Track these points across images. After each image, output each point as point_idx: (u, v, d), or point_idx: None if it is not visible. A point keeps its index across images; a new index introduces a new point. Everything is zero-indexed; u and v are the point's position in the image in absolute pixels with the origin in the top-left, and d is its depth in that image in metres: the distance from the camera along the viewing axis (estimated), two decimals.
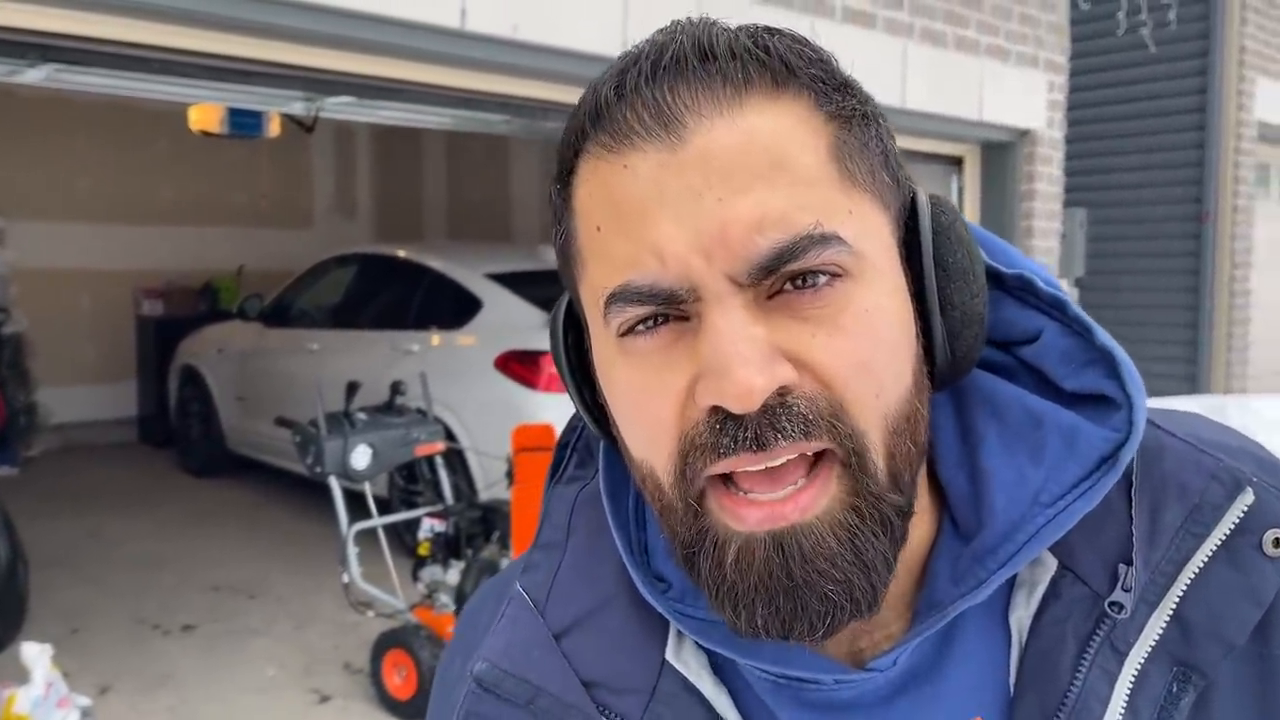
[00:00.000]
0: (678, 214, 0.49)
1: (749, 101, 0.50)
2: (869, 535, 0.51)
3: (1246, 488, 0.56)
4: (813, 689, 0.57)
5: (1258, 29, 6.64)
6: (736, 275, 0.49)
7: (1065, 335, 0.60)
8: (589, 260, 0.54)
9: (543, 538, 0.64)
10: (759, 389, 0.48)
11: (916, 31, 4.46)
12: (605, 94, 0.52)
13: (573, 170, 0.55)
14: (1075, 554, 0.57)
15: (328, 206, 9.89)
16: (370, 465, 3.74)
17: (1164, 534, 0.56)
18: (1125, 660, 0.54)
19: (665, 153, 0.50)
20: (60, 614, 4.46)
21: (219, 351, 6.96)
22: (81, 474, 7.27)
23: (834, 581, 0.50)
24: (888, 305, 0.52)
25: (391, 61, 3.14)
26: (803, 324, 0.50)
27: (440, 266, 5.68)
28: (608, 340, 0.54)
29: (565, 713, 0.58)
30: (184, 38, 2.75)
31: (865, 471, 0.51)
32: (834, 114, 0.53)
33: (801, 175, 0.50)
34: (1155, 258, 6.81)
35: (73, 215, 8.22)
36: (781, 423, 0.49)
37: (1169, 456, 0.58)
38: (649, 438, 0.53)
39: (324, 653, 4.14)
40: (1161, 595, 0.55)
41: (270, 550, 5.46)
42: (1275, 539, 0.55)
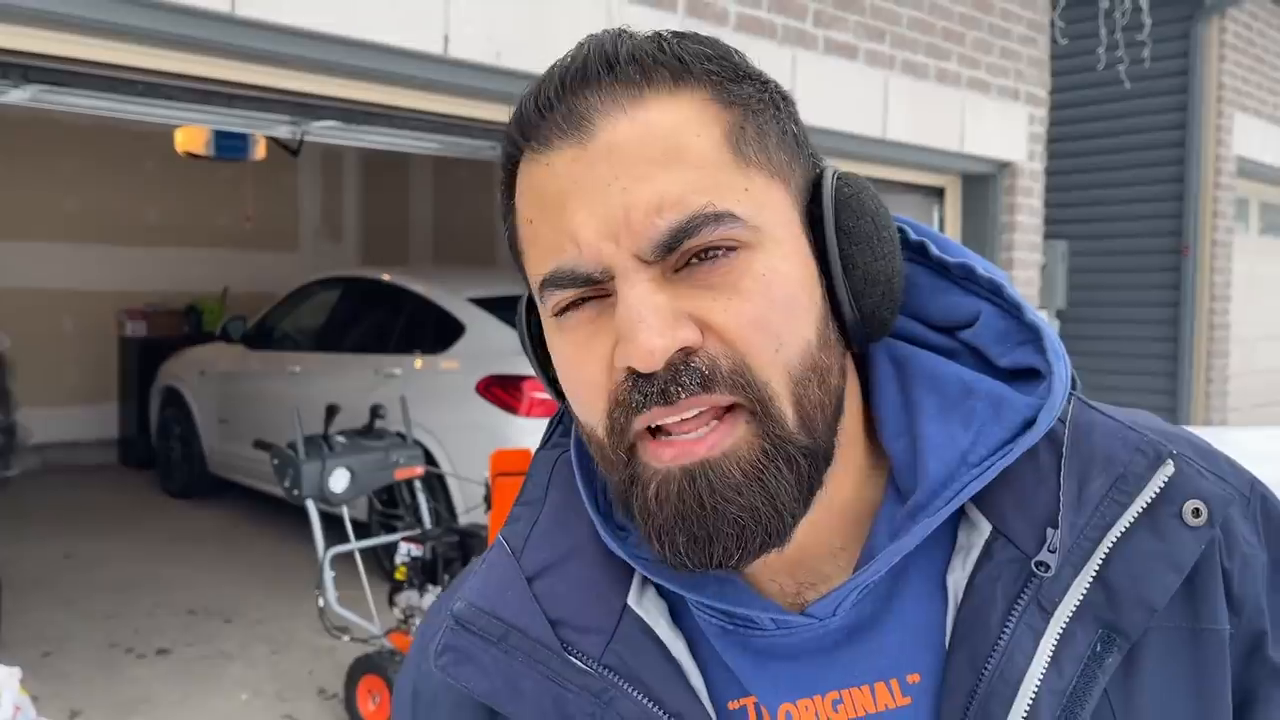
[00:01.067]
0: (589, 203, 0.55)
1: (648, 98, 0.56)
2: (775, 471, 0.56)
3: (1168, 460, 0.60)
4: (757, 635, 0.62)
5: (1235, 65, 6.73)
6: (641, 253, 0.55)
7: (1001, 317, 0.65)
8: (526, 250, 0.61)
9: (525, 495, 0.70)
10: (659, 349, 0.54)
11: (898, 64, 4.51)
12: (528, 108, 0.59)
13: (513, 176, 0.62)
14: (1008, 519, 0.61)
15: (314, 229, 9.89)
16: (348, 489, 3.72)
17: (1090, 501, 0.60)
18: (1051, 618, 0.58)
19: (577, 149, 0.56)
20: (33, 637, 4.42)
21: (201, 373, 6.93)
22: (60, 495, 7.22)
23: (740, 509, 0.55)
24: (784, 269, 0.57)
25: (375, 87, 3.16)
26: (706, 291, 0.55)
27: (423, 290, 5.68)
28: (547, 319, 0.61)
29: (532, 648, 0.62)
30: (168, 61, 2.76)
31: (771, 418, 0.56)
32: (729, 102, 0.58)
33: (696, 161, 0.55)
34: (1135, 290, 6.87)
35: (57, 235, 8.20)
36: (682, 378, 0.54)
37: (1098, 431, 0.62)
38: (585, 400, 0.59)
39: (298, 678, 4.11)
40: (1086, 558, 0.59)
41: (248, 573, 5.42)
42: (1195, 509, 0.59)
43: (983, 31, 4.96)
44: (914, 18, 4.58)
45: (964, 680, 0.59)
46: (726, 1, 3.80)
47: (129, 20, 2.55)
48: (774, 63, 3.98)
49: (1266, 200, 7.86)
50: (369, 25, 2.89)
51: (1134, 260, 6.87)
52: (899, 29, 4.50)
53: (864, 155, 4.56)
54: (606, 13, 3.38)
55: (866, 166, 4.72)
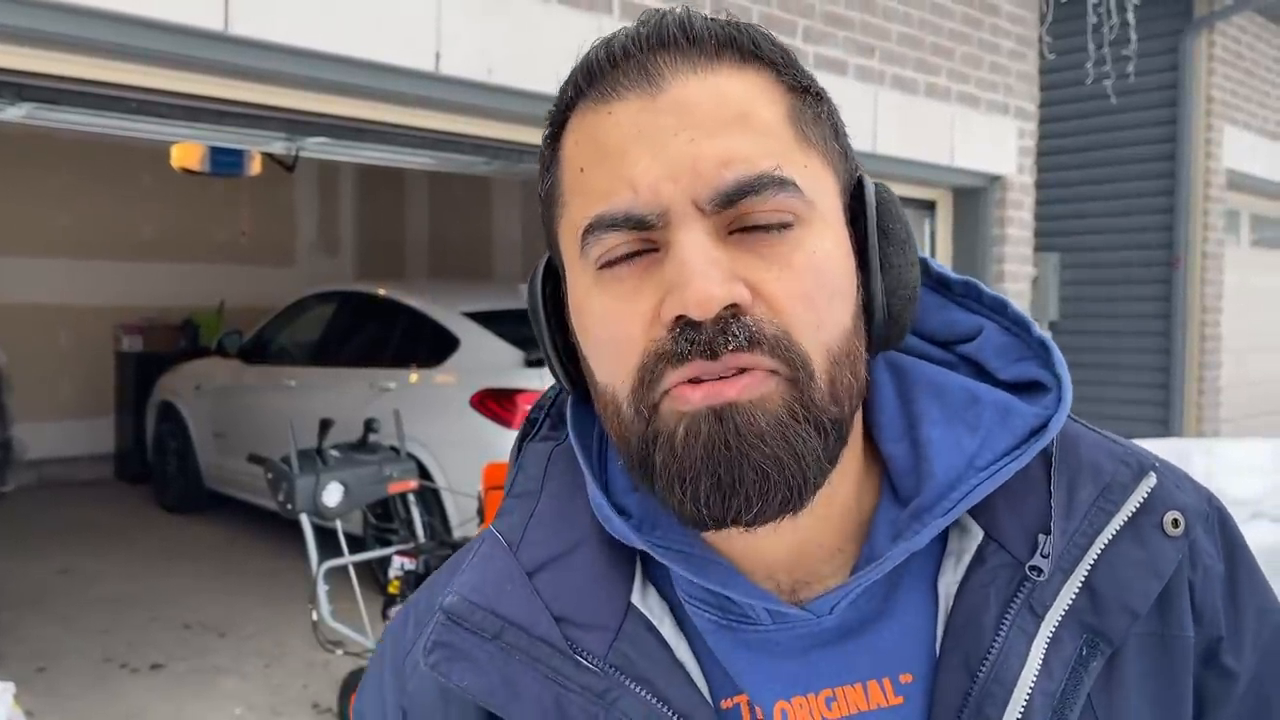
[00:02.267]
0: (653, 149, 0.56)
1: (720, 68, 0.58)
2: (802, 431, 0.56)
3: (1150, 471, 0.63)
4: (751, 630, 0.61)
5: (1224, 79, 6.78)
6: (701, 201, 0.55)
7: (1003, 334, 0.67)
8: (570, 200, 0.60)
9: (518, 487, 0.68)
10: (716, 298, 0.53)
11: (888, 79, 4.54)
12: (597, 57, 0.59)
13: (563, 125, 0.61)
14: (1000, 525, 0.62)
15: (310, 244, 9.92)
16: (342, 503, 3.73)
17: (1079, 508, 0.62)
18: (1042, 622, 0.60)
19: (645, 99, 0.57)
20: (28, 653, 4.42)
21: (197, 388, 6.94)
22: (56, 510, 7.22)
23: (765, 456, 0.55)
24: (833, 252, 0.58)
25: (368, 103, 3.19)
26: (758, 259, 0.56)
27: (418, 304, 5.70)
28: (585, 272, 0.59)
29: (532, 645, 0.60)
30: (161, 78, 2.79)
31: (809, 385, 0.56)
32: (792, 87, 0.60)
33: (763, 129, 0.57)
34: (1127, 302, 6.89)
35: (53, 250, 8.22)
36: (732, 330, 0.54)
37: (1085, 443, 0.65)
38: (615, 356, 0.58)
39: (292, 692, 4.11)
40: (1075, 564, 0.61)
41: (243, 588, 5.42)
42: (1174, 520, 0.62)
43: (972, 46, 5.00)
44: (903, 33, 4.62)
45: (958, 681, 0.60)
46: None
47: (122, 39, 2.57)
48: None
49: (1257, 212, 7.89)
50: (361, 42, 2.92)
51: (1125, 272, 6.90)
52: (888, 44, 4.54)
53: None
54: (597, 30, 3.41)
55: None
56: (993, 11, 5.13)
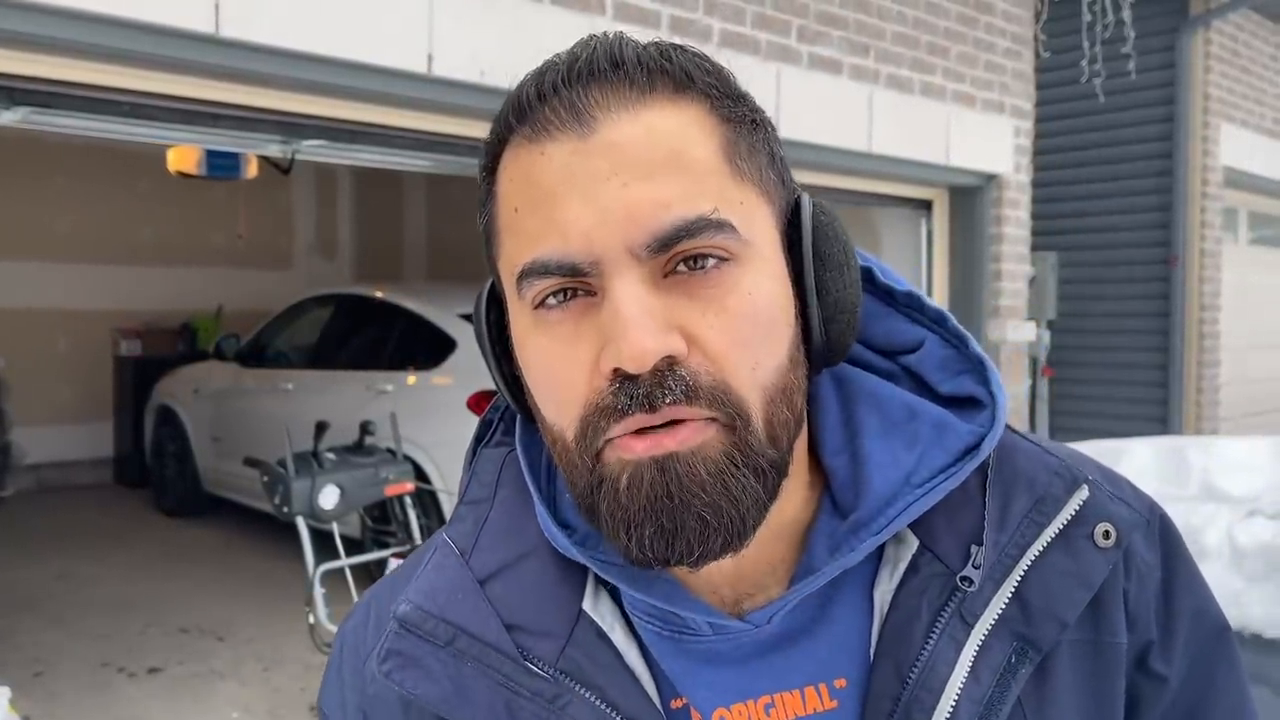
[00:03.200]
0: (585, 195, 0.55)
1: (651, 102, 0.57)
2: (741, 477, 0.56)
3: (1083, 485, 0.64)
4: (692, 640, 0.63)
5: (1221, 76, 6.78)
6: (635, 248, 0.55)
7: (944, 346, 0.68)
8: (506, 239, 0.60)
9: (470, 494, 0.69)
10: (651, 350, 0.54)
11: (883, 78, 4.54)
12: (528, 92, 0.58)
13: (498, 160, 0.61)
14: (935, 535, 0.63)
15: (308, 247, 9.92)
16: (338, 505, 3.73)
17: (1012, 520, 0.63)
18: (972, 631, 0.61)
19: (577, 141, 0.56)
20: (25, 657, 4.42)
21: (195, 391, 6.94)
22: (55, 514, 7.22)
23: (704, 504, 0.56)
24: (768, 288, 0.58)
25: (361, 106, 3.19)
26: (693, 302, 0.56)
27: (414, 306, 5.70)
28: (523, 312, 0.59)
29: (484, 653, 0.61)
30: (153, 82, 2.79)
31: (746, 431, 0.57)
32: (726, 118, 0.59)
33: (697, 167, 0.56)
34: (1125, 300, 6.89)
35: (51, 255, 8.22)
36: (668, 384, 0.54)
37: (1021, 455, 0.66)
38: (559, 403, 0.59)
39: (290, 695, 4.11)
40: (1006, 574, 0.62)
41: (241, 591, 5.41)
42: (1105, 531, 0.63)
43: (967, 45, 5.00)
44: (898, 32, 4.62)
45: (889, 686, 0.61)
46: (711, 18, 3.83)
47: (114, 42, 2.57)
48: (758, 78, 4.01)
49: (1255, 210, 7.89)
50: (353, 45, 2.92)
51: (1123, 271, 6.89)
52: (883, 44, 4.54)
53: (850, 169, 4.58)
54: (590, 30, 3.41)
55: (852, 180, 4.75)
56: (988, 10, 5.13)
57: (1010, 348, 5.37)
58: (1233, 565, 2.88)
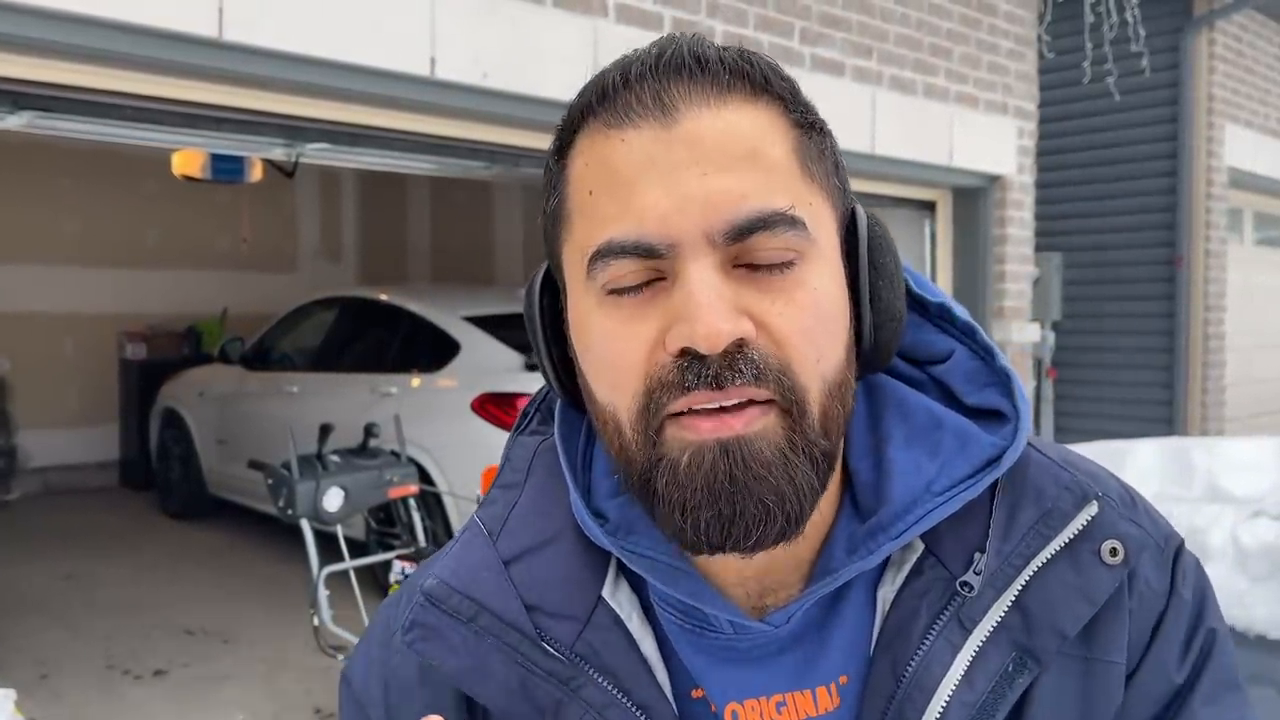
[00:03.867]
0: (665, 181, 0.56)
1: (731, 100, 0.58)
2: (799, 463, 0.58)
3: (1093, 500, 0.64)
4: (711, 637, 0.64)
5: (1226, 77, 6.77)
6: (713, 234, 0.56)
7: (972, 358, 0.69)
8: (577, 221, 0.61)
9: (503, 479, 0.71)
10: (725, 333, 0.55)
11: (885, 80, 4.54)
12: (612, 79, 0.60)
13: (571, 144, 0.62)
14: (941, 540, 0.65)
15: (312, 250, 9.93)
16: (342, 508, 3.73)
17: (1018, 530, 0.64)
18: (970, 636, 0.62)
19: (659, 130, 0.57)
20: (31, 659, 4.43)
21: (200, 394, 6.96)
22: (60, 517, 7.23)
23: (769, 489, 0.57)
24: (831, 288, 0.60)
25: (364, 109, 3.19)
26: (763, 294, 0.57)
27: (418, 309, 5.71)
28: (588, 293, 0.60)
29: (504, 631, 0.63)
30: (157, 85, 2.80)
31: (803, 418, 0.58)
32: (798, 122, 0.61)
33: (773, 165, 0.58)
34: (1130, 301, 6.88)
35: (57, 259, 8.25)
36: (739, 365, 0.56)
37: (1033, 467, 0.66)
38: (616, 380, 0.59)
39: (295, 697, 4.11)
40: (1008, 583, 0.63)
41: (246, 593, 5.42)
42: (1112, 548, 0.64)
43: (970, 47, 5.00)
44: (901, 34, 4.62)
45: (884, 685, 0.62)
46: (713, 21, 3.83)
47: (118, 46, 2.58)
48: None
49: (1260, 210, 7.87)
50: (355, 48, 2.93)
51: (1128, 271, 6.88)
52: (886, 45, 4.54)
53: (853, 170, 4.54)
54: (593, 32, 3.42)
55: (856, 181, 4.75)
56: (991, 11, 5.13)
57: (1014, 349, 5.36)
58: (1237, 566, 2.87)
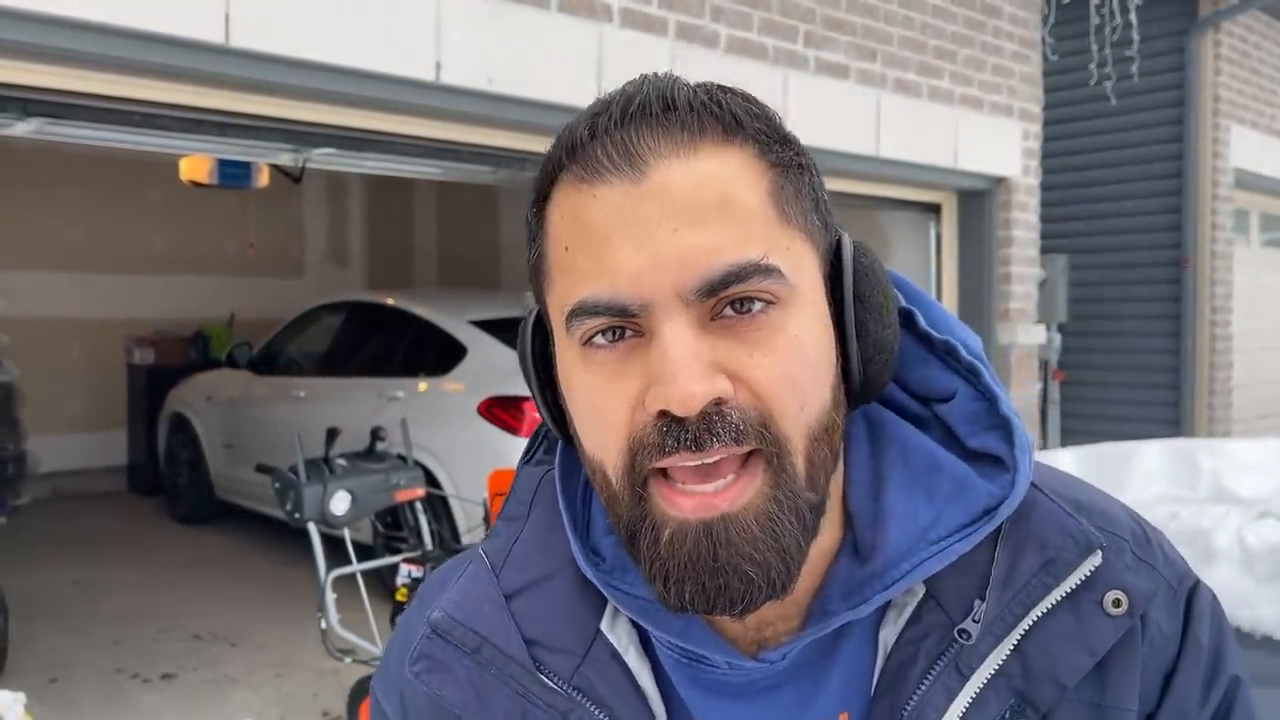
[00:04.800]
0: (636, 239, 0.56)
1: (702, 147, 0.58)
2: (786, 524, 0.57)
3: (1097, 550, 0.64)
4: (708, 671, 0.65)
5: (1231, 78, 6.76)
6: (685, 293, 0.56)
7: (975, 400, 0.67)
8: (556, 276, 0.61)
9: (507, 510, 0.72)
10: (699, 395, 0.55)
11: (890, 82, 4.55)
12: (580, 133, 0.59)
13: (548, 196, 0.62)
14: (942, 585, 0.64)
15: (319, 255, 9.96)
16: (349, 511, 3.74)
17: (1019, 578, 0.63)
18: (967, 682, 0.62)
19: (629, 185, 0.57)
20: (40, 663, 4.44)
21: (208, 399, 6.98)
22: (69, 523, 7.26)
23: (754, 564, 0.57)
24: (813, 330, 0.59)
25: (370, 114, 3.21)
26: (741, 345, 0.57)
27: (425, 313, 5.72)
28: (571, 348, 0.60)
29: (505, 664, 0.65)
30: (164, 92, 2.81)
31: (786, 471, 0.57)
32: (774, 163, 0.60)
33: (746, 213, 0.57)
34: (1136, 303, 6.87)
35: (64, 265, 8.28)
36: (716, 428, 0.55)
37: (1037, 513, 0.65)
38: (602, 437, 0.59)
39: (302, 701, 4.12)
40: (1007, 631, 0.62)
41: (254, 597, 5.44)
42: (1115, 600, 0.63)
43: (974, 49, 5.00)
44: (905, 37, 4.62)
45: None
46: (717, 24, 3.84)
47: (126, 53, 2.60)
48: (765, 84, 4.02)
49: (1267, 212, 7.86)
50: (361, 53, 2.94)
51: (1134, 273, 6.87)
52: (890, 48, 4.55)
53: (858, 173, 4.59)
54: (597, 37, 3.43)
55: (861, 184, 4.76)
56: (995, 14, 5.13)
57: (1020, 351, 5.36)
58: (1243, 567, 2.87)
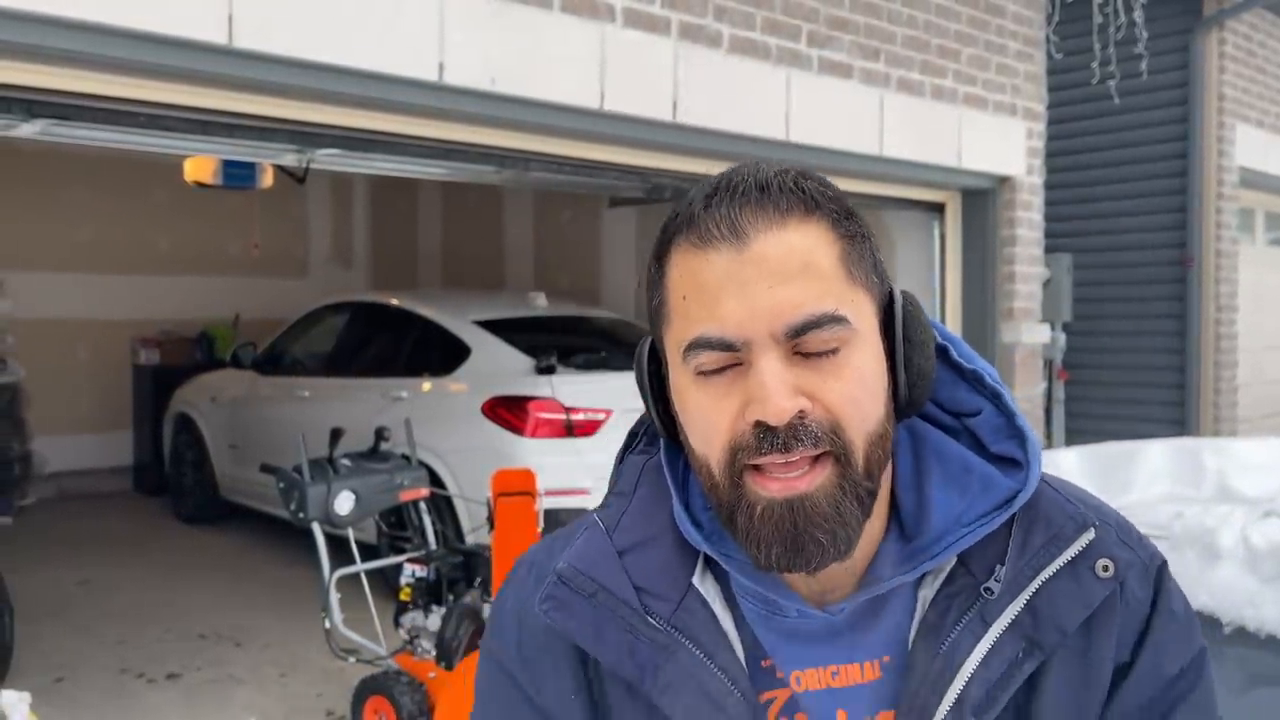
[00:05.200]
0: (740, 294, 0.75)
1: (790, 222, 0.77)
2: (849, 504, 0.77)
3: (1090, 528, 0.84)
4: (782, 619, 0.84)
5: (1236, 76, 6.75)
6: (776, 334, 0.75)
7: (998, 416, 0.88)
8: (675, 318, 0.80)
9: (618, 487, 0.91)
10: (788, 410, 0.74)
11: (893, 82, 4.55)
12: (696, 207, 0.78)
13: (667, 254, 0.80)
14: (971, 555, 0.84)
15: (324, 255, 9.98)
16: (353, 511, 3.75)
17: (1031, 549, 0.83)
18: (989, 629, 0.81)
19: (734, 252, 0.76)
20: (46, 663, 4.46)
21: (212, 399, 7.00)
22: (75, 523, 7.28)
23: (824, 532, 0.76)
24: (872, 365, 0.79)
25: (374, 114, 3.22)
26: (817, 374, 0.76)
27: (429, 314, 5.73)
28: (685, 374, 0.79)
29: (617, 606, 0.83)
30: (168, 93, 2.83)
31: (851, 466, 0.77)
32: (843, 234, 0.79)
33: (823, 275, 0.76)
34: (1141, 302, 6.86)
35: (70, 265, 8.30)
36: (800, 435, 0.75)
37: (1044, 501, 0.86)
38: (709, 440, 0.78)
39: (307, 700, 4.13)
40: (1021, 589, 0.82)
41: (259, 597, 5.45)
42: (1104, 565, 0.83)
43: (978, 48, 5.00)
44: (908, 36, 4.62)
45: (921, 663, 0.81)
46: (720, 24, 3.84)
47: (130, 54, 2.61)
48: (768, 84, 4.02)
49: (1272, 210, 7.84)
50: (364, 54, 2.95)
51: (1139, 272, 6.86)
52: (893, 47, 4.55)
53: (861, 173, 4.59)
54: (600, 37, 3.44)
55: (864, 184, 4.76)
56: (998, 13, 5.13)
57: (1024, 350, 5.35)
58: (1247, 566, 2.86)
